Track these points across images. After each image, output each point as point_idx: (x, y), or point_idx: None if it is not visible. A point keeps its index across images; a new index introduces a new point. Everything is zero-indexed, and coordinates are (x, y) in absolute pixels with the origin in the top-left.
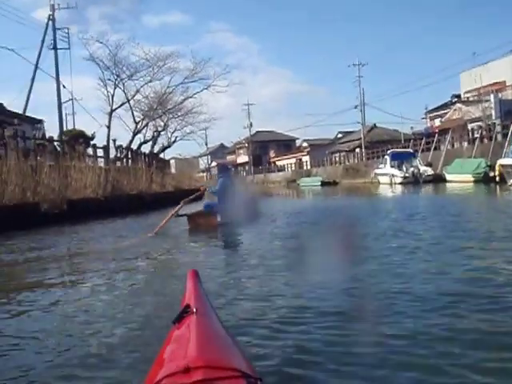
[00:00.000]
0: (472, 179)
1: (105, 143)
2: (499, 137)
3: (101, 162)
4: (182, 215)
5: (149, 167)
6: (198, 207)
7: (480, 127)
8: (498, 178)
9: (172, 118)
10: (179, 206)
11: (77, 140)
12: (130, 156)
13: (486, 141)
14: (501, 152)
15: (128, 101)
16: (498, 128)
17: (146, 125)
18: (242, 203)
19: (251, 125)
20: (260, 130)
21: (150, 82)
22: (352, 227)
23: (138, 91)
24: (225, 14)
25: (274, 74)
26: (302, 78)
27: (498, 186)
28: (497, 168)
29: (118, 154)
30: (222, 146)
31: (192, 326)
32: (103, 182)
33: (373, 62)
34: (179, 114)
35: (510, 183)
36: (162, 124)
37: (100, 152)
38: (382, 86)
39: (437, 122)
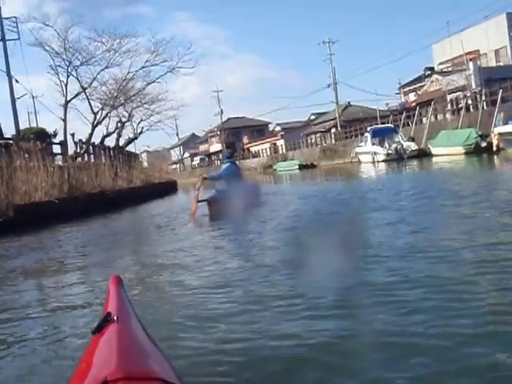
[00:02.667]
0: (463, 151)
1: (62, 139)
2: (485, 105)
3: (60, 160)
4: (202, 201)
5: (114, 162)
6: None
7: (464, 96)
8: (495, 148)
9: (136, 108)
10: (197, 192)
11: (38, 138)
12: (91, 151)
13: (471, 110)
14: (490, 120)
15: (84, 90)
16: (484, 96)
17: (107, 115)
18: (248, 187)
19: (222, 112)
20: (231, 116)
21: (107, 67)
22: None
23: (94, 78)
24: (189, 2)
25: (243, 60)
26: (270, 63)
27: (495, 156)
28: (494, 137)
29: (78, 150)
30: (193, 135)
31: (112, 336)
32: (58, 182)
33: (343, 40)
34: (144, 102)
35: None
36: (126, 114)
37: (58, 149)
38: (354, 63)
39: (411, 97)
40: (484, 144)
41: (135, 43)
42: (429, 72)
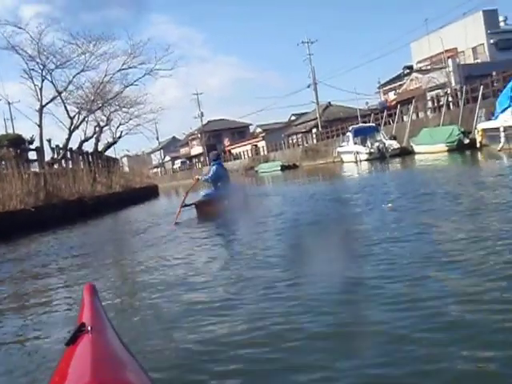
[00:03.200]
0: (445, 148)
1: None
2: (465, 102)
3: (36, 167)
4: (189, 205)
5: (92, 167)
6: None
7: (445, 93)
8: (478, 144)
9: (115, 111)
10: (184, 196)
11: (13, 145)
12: (69, 156)
13: (452, 107)
14: (472, 117)
15: (59, 94)
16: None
17: (84, 119)
18: (235, 189)
19: (202, 114)
20: (211, 119)
21: (83, 71)
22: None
23: (70, 82)
24: (166, 5)
25: (221, 62)
26: (249, 65)
27: (479, 153)
28: (478, 133)
29: (55, 156)
30: (174, 139)
31: (87, 346)
32: (34, 190)
33: (322, 39)
34: (122, 105)
35: (499, 147)
36: (105, 118)
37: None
38: (334, 62)
39: (391, 95)
40: (467, 141)
41: (112, 45)
42: (408, 70)
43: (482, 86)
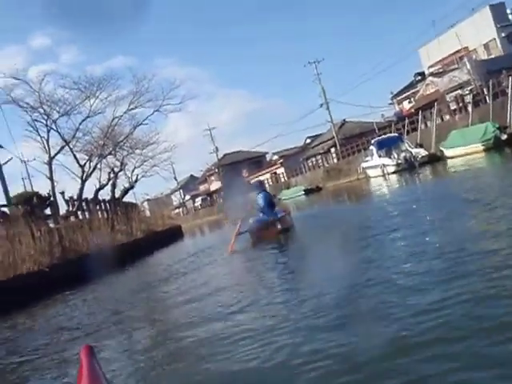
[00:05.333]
0: (481, 148)
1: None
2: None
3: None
4: (243, 232)
5: (110, 215)
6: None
7: (470, 91)
8: None
9: (128, 155)
10: (238, 224)
11: (26, 203)
12: (85, 207)
13: (480, 105)
14: (504, 112)
15: (67, 143)
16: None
17: (96, 166)
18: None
19: (217, 149)
20: (227, 152)
21: (89, 116)
22: None
23: (77, 129)
24: (169, 48)
25: (229, 96)
26: (258, 95)
27: None
28: None
29: (70, 208)
30: (191, 177)
31: None
32: (48, 247)
33: (328, 58)
34: (135, 147)
35: None
36: (118, 163)
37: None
38: (343, 79)
39: (405, 104)
40: (504, 136)
41: (116, 86)
42: (419, 77)
43: (510, 78)
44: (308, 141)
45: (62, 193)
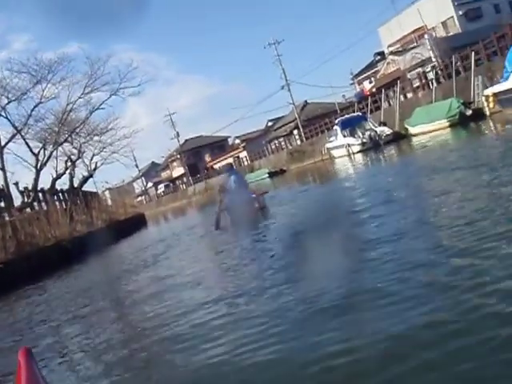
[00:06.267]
0: (447, 124)
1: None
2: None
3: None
4: (225, 209)
5: (68, 206)
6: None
7: (433, 67)
8: (488, 112)
9: (85, 142)
10: (219, 206)
11: None
12: (41, 198)
13: (443, 82)
14: (467, 87)
15: (18, 131)
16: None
17: (51, 154)
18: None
19: (178, 134)
20: (188, 137)
21: (41, 103)
22: None
23: (29, 116)
24: (125, 34)
25: (188, 81)
26: (216, 80)
27: (490, 121)
28: (487, 100)
29: (25, 199)
30: (153, 164)
31: None
32: (1, 242)
33: (288, 39)
34: (93, 134)
35: None
36: (75, 151)
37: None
38: (303, 60)
39: (366, 84)
40: (469, 112)
41: (69, 69)
42: (379, 57)
43: (473, 52)
44: (270, 124)
45: (16, 183)
